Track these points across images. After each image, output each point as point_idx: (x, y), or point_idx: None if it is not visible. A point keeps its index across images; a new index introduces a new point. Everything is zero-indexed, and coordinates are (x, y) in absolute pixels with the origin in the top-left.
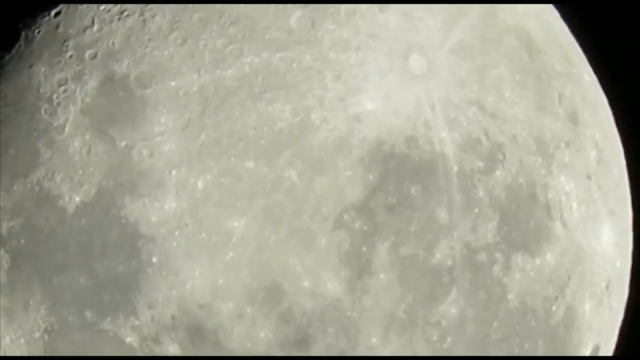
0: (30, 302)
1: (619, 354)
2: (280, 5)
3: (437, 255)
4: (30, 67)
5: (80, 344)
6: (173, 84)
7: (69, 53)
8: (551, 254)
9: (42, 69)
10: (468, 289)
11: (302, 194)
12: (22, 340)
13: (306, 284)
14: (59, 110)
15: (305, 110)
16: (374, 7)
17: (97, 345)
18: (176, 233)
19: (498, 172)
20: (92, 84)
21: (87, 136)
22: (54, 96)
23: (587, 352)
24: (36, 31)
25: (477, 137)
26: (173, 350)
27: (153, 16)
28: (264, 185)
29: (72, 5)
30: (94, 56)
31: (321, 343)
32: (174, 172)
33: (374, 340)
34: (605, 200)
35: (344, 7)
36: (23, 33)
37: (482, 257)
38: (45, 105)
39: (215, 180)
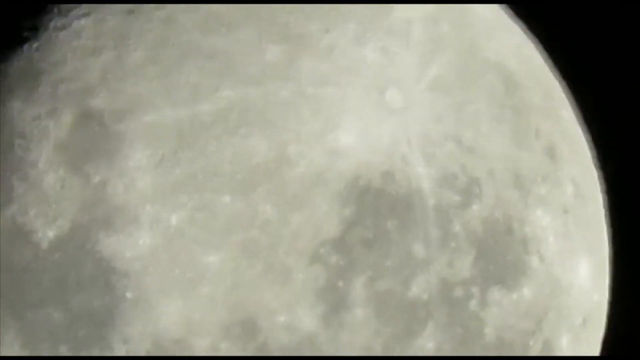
0: (5, 337)
1: None
2: (258, 41)
3: (414, 290)
4: (5, 101)
5: None
6: (148, 118)
7: (43, 88)
8: (528, 288)
9: (16, 104)
10: (445, 324)
11: (277, 229)
12: None
13: (282, 319)
14: (32, 146)
15: (282, 145)
16: (352, 41)
17: None
18: (150, 269)
19: (474, 207)
20: (66, 119)
21: (61, 171)
22: (28, 131)
23: None
24: (11, 65)
25: (454, 172)
26: None
27: (130, 51)
28: (240, 221)
29: (47, 40)
30: (69, 91)
31: None
32: (148, 208)
33: None
34: (583, 235)
35: (322, 42)
36: None
37: (459, 291)
38: (19, 141)
39: (190, 215)
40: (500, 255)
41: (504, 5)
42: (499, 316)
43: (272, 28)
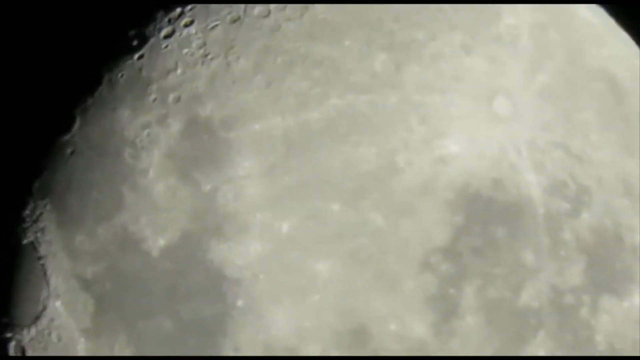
0: (116, 346)
1: None
2: (364, 49)
3: (524, 298)
4: (114, 110)
5: None
6: (257, 127)
7: (153, 96)
8: (639, 296)
9: (126, 113)
10: (555, 331)
11: (387, 237)
12: None
13: (392, 327)
14: (142, 154)
15: (390, 152)
16: (459, 49)
17: None
18: (261, 276)
19: (584, 215)
20: (175, 127)
21: (172, 180)
22: (138, 140)
23: None
24: (119, 74)
25: (563, 180)
26: None
27: (237, 59)
28: (349, 229)
29: (155, 49)
30: (178, 99)
31: None
32: (258, 216)
33: None
34: None
35: (428, 50)
36: (106, 76)
37: (569, 299)
38: (129, 149)
39: (300, 223)
40: (610, 263)
41: (608, 6)
42: (610, 324)
43: (378, 35)
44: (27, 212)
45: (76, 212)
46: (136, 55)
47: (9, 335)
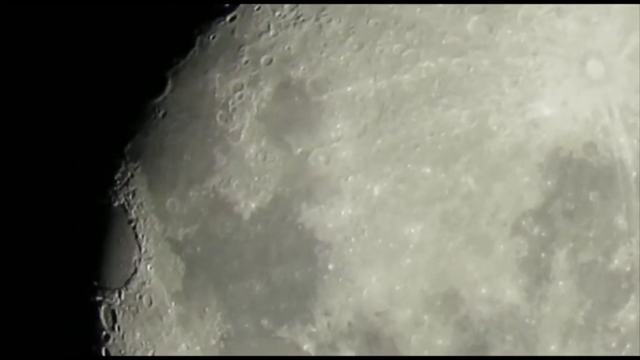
0: (206, 309)
1: None
2: (457, 11)
3: (616, 262)
4: (205, 72)
5: (256, 352)
6: (349, 89)
7: (245, 58)
8: None
9: (217, 75)
10: None
11: (479, 199)
12: (198, 347)
13: (484, 290)
14: (234, 116)
15: (482, 115)
16: (552, 12)
17: (274, 353)
18: (352, 239)
19: None
20: (267, 89)
21: (263, 142)
22: (230, 102)
23: None
24: (211, 37)
25: None
26: None
27: (329, 21)
28: (441, 192)
29: (248, 11)
30: (270, 62)
31: (499, 351)
32: (350, 178)
33: (552, 347)
34: None
35: (520, 12)
36: (198, 38)
37: None
38: (221, 111)
39: (392, 186)
40: None
41: None
42: None
43: None
44: (119, 174)
45: (167, 175)
46: (228, 17)
47: (99, 298)
